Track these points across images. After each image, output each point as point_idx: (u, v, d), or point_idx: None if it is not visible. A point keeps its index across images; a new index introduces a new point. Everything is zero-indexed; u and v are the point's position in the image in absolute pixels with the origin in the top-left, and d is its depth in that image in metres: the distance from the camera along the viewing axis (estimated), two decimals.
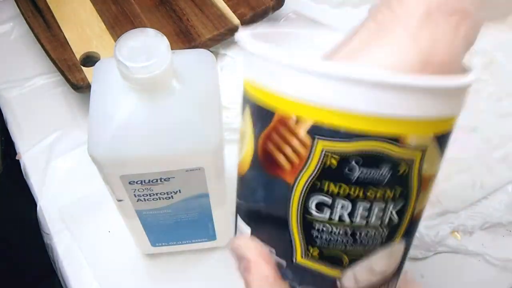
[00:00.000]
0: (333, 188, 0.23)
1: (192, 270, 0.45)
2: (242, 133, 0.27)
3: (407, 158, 0.22)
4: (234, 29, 0.56)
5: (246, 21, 0.56)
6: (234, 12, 0.56)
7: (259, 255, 0.26)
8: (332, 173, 0.22)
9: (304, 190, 0.23)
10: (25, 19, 0.57)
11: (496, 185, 0.49)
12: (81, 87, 0.51)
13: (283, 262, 0.26)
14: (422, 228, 0.47)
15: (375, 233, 0.24)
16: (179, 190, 0.36)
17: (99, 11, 0.57)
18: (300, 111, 0.22)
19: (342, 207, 0.23)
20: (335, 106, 0.21)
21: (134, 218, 0.39)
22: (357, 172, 0.22)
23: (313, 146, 0.22)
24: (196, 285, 0.45)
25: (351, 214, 0.23)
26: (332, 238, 0.24)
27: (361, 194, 0.23)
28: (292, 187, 0.24)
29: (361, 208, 0.23)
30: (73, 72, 0.52)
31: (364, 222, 0.23)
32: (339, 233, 0.24)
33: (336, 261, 0.24)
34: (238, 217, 0.30)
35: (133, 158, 0.32)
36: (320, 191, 0.23)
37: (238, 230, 0.30)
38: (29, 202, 0.51)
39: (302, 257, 0.25)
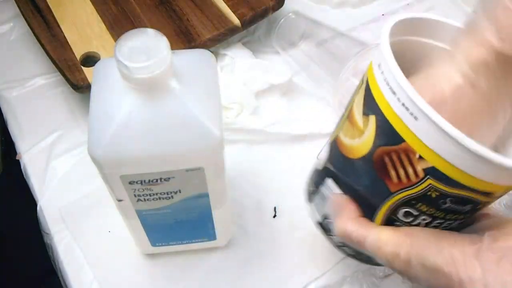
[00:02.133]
0: (424, 208, 0.30)
1: (192, 270, 0.45)
2: (352, 118, 0.32)
3: (488, 201, 0.30)
4: (234, 29, 0.56)
5: (246, 21, 0.56)
6: (234, 12, 0.56)
7: (350, 201, 0.34)
8: (429, 200, 0.29)
9: (401, 200, 0.30)
10: (25, 19, 0.57)
11: None
12: (81, 87, 0.51)
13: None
14: None
15: None
16: (179, 190, 0.36)
17: (99, 11, 0.57)
18: (424, 153, 0.27)
19: (423, 219, 0.30)
20: (452, 162, 0.26)
21: (134, 218, 0.39)
22: (448, 204, 0.29)
23: (424, 179, 0.28)
24: (196, 285, 0.45)
25: (427, 224, 0.31)
26: None
27: (442, 215, 0.30)
28: (392, 194, 0.30)
29: (436, 222, 0.30)
30: (73, 72, 0.52)
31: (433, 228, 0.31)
32: None
33: None
34: (330, 180, 0.35)
35: (133, 158, 0.32)
36: (413, 206, 0.30)
37: (327, 187, 0.36)
38: (29, 202, 0.51)
39: None
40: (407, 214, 0.30)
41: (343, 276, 0.45)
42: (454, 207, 0.29)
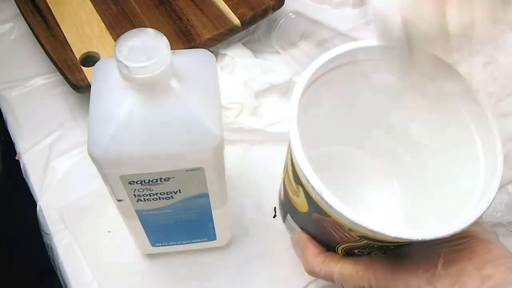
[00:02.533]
0: (374, 249, 0.34)
1: (192, 270, 0.45)
2: (288, 178, 0.36)
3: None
4: (234, 29, 0.56)
5: (246, 21, 0.56)
6: (234, 12, 0.56)
7: (309, 240, 0.38)
8: (374, 247, 0.33)
9: (350, 246, 0.34)
10: (25, 19, 0.57)
11: None
12: (81, 87, 0.51)
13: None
14: None
15: None
16: (179, 190, 0.36)
17: (99, 11, 0.57)
18: (350, 227, 0.30)
19: (377, 251, 0.34)
20: (369, 233, 0.30)
21: (134, 218, 0.39)
22: (392, 248, 0.34)
23: (360, 240, 0.32)
24: (196, 285, 0.45)
25: (384, 252, 0.35)
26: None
27: (392, 246, 0.33)
28: (340, 244, 0.34)
29: (390, 249, 0.34)
30: (73, 72, 0.52)
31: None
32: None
33: None
34: (289, 216, 0.39)
35: (133, 158, 0.32)
36: (363, 249, 0.33)
37: (288, 220, 0.40)
38: (29, 202, 0.51)
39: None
40: (361, 252, 0.35)
41: None
42: (397, 249, 0.33)
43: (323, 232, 0.35)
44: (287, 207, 0.39)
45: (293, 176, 0.34)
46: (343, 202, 0.29)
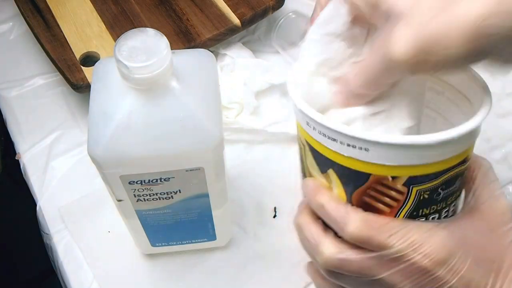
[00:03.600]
0: (426, 211, 0.30)
1: (192, 270, 0.45)
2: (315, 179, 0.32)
3: (467, 167, 0.31)
4: (234, 29, 0.56)
5: (246, 21, 0.56)
6: (234, 12, 0.56)
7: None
8: (425, 202, 0.29)
9: (404, 217, 0.30)
10: (25, 18, 0.57)
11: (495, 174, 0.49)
12: (81, 87, 0.51)
13: None
14: None
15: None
16: (179, 190, 0.36)
17: (99, 11, 0.57)
18: (396, 172, 0.28)
19: (432, 218, 0.31)
20: (417, 163, 0.27)
21: (134, 218, 0.39)
22: (442, 194, 0.30)
23: (409, 192, 0.29)
24: (196, 285, 0.44)
25: (438, 218, 0.31)
26: None
27: (444, 205, 0.30)
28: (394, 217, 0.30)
29: (444, 212, 0.31)
30: (73, 72, 0.52)
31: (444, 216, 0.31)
32: None
33: None
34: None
35: (132, 158, 0.32)
36: (416, 216, 0.30)
37: None
38: (29, 202, 0.51)
39: None
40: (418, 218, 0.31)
41: None
42: (447, 192, 0.30)
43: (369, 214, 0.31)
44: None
45: (319, 165, 0.31)
46: None
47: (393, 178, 0.28)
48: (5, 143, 0.58)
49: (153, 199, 0.36)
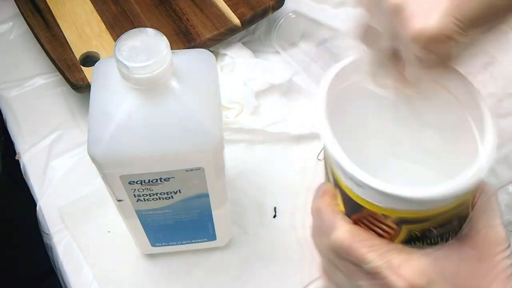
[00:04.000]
0: (420, 244, 0.31)
1: (192, 270, 0.45)
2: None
3: (468, 210, 0.31)
4: (234, 29, 0.56)
5: (246, 21, 0.56)
6: (234, 12, 0.56)
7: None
8: (418, 238, 0.30)
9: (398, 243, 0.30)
10: (25, 18, 0.57)
11: (496, 185, 0.49)
12: (81, 87, 0.51)
13: None
14: None
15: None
16: (179, 190, 0.36)
17: (99, 10, 0.57)
18: (385, 212, 0.29)
19: (428, 247, 0.30)
20: (408, 209, 0.28)
21: (134, 218, 0.39)
22: (436, 232, 0.30)
23: (400, 228, 0.29)
24: (196, 285, 0.44)
25: (432, 246, 0.30)
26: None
27: (441, 240, 0.31)
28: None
29: (439, 240, 0.31)
30: (73, 72, 0.52)
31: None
32: None
33: None
34: None
35: (132, 158, 0.32)
36: (410, 245, 0.30)
37: None
38: (28, 202, 0.51)
39: None
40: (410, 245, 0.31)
41: None
42: (442, 230, 0.30)
43: None
44: None
45: (334, 181, 0.32)
46: None
47: (384, 215, 0.29)
48: (5, 143, 0.58)
49: (153, 199, 0.36)
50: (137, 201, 0.36)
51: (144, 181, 0.34)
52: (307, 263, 0.45)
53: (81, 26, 0.55)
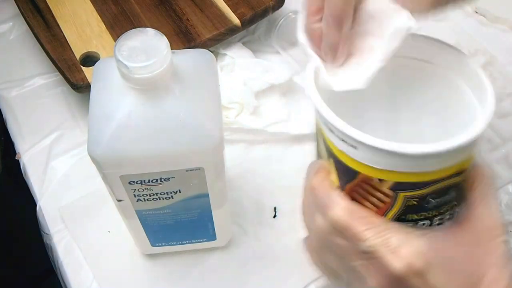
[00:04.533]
0: (415, 217, 0.29)
1: (192, 270, 0.45)
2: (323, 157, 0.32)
3: (463, 178, 0.30)
4: (234, 29, 0.56)
5: (246, 21, 0.56)
6: (234, 12, 0.56)
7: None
8: (413, 209, 0.29)
9: (391, 219, 0.30)
10: (25, 18, 0.57)
11: (496, 185, 0.49)
12: (81, 87, 0.51)
13: None
14: None
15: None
16: (179, 190, 0.36)
17: (99, 11, 0.57)
18: (382, 175, 0.28)
19: (422, 224, 0.30)
20: (405, 170, 0.27)
21: (134, 218, 0.39)
22: (433, 202, 0.29)
23: (396, 196, 0.28)
24: (196, 285, 0.44)
25: (430, 225, 0.30)
26: None
27: (436, 213, 0.30)
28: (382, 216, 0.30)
29: (436, 220, 0.30)
30: (73, 72, 0.52)
31: (437, 224, 0.30)
32: None
33: None
34: None
35: (132, 158, 0.32)
36: (404, 220, 0.30)
37: None
38: (28, 202, 0.51)
39: None
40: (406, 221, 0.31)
41: None
42: (439, 201, 0.29)
43: None
44: None
45: (326, 150, 0.31)
46: None
47: (380, 180, 0.28)
48: (5, 143, 0.58)
49: (153, 199, 0.36)
50: (137, 201, 0.36)
51: (144, 181, 0.34)
52: (307, 263, 0.45)
53: (81, 26, 0.55)
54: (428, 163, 0.27)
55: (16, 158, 0.53)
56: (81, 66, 0.52)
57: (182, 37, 0.55)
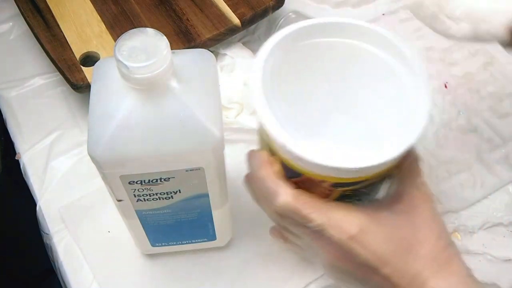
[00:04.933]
0: (349, 200, 0.35)
1: (192, 270, 0.45)
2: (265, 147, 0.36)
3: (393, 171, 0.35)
4: (234, 29, 0.56)
5: (246, 21, 0.56)
6: (234, 11, 0.56)
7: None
8: (349, 195, 0.34)
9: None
10: (25, 18, 0.57)
11: (497, 185, 0.49)
12: (81, 87, 0.51)
13: None
14: None
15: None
16: (179, 190, 0.36)
17: (99, 10, 0.57)
18: (323, 178, 0.32)
19: (357, 201, 0.36)
20: (339, 176, 0.32)
21: (134, 218, 0.39)
22: (366, 190, 0.35)
23: (335, 190, 0.34)
24: (196, 285, 0.44)
25: (359, 200, 0.36)
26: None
27: (368, 194, 0.36)
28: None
29: (366, 200, 0.36)
30: (73, 72, 0.52)
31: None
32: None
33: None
34: None
35: (132, 158, 0.32)
36: (342, 201, 0.34)
37: None
38: (28, 202, 0.51)
39: None
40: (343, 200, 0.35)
41: None
42: (370, 188, 0.35)
43: None
44: None
45: (270, 150, 0.35)
46: None
47: (321, 181, 0.33)
48: (5, 143, 0.58)
49: (153, 199, 0.36)
50: (137, 201, 0.36)
51: (144, 181, 0.34)
52: (307, 263, 0.45)
53: (81, 26, 0.55)
54: (361, 172, 0.32)
55: (16, 158, 0.53)
56: (81, 66, 0.52)
57: (182, 37, 0.55)
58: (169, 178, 0.34)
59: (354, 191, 0.34)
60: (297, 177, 0.33)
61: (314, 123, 0.33)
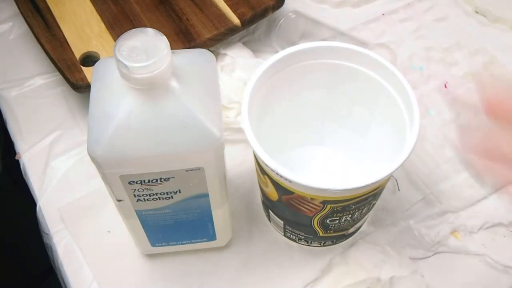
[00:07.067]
0: (340, 215, 0.39)
1: (192, 270, 0.45)
2: (257, 171, 0.41)
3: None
4: (234, 29, 0.56)
5: (246, 21, 0.56)
6: (234, 11, 0.56)
7: None
8: (339, 211, 0.38)
9: (320, 218, 0.39)
10: (25, 18, 0.57)
11: (496, 185, 0.49)
12: (81, 87, 0.51)
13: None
14: (422, 228, 0.47)
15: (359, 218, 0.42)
16: (179, 190, 0.36)
17: (99, 10, 0.57)
18: (313, 196, 0.36)
19: (345, 219, 0.40)
20: (336, 195, 0.35)
21: (134, 218, 0.39)
22: (355, 206, 0.38)
23: (325, 207, 0.37)
24: (196, 285, 0.45)
25: (351, 217, 0.40)
26: (339, 226, 0.41)
27: (356, 210, 0.39)
28: (312, 217, 0.39)
29: (356, 214, 0.40)
30: (73, 72, 0.52)
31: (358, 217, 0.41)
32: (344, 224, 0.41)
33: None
34: (273, 214, 0.44)
35: (132, 158, 0.32)
36: (332, 217, 0.39)
37: (275, 222, 0.45)
38: (28, 202, 0.51)
39: (322, 233, 0.42)
40: (332, 221, 0.39)
41: None
42: (359, 204, 0.38)
43: (295, 212, 0.39)
44: (267, 204, 0.43)
45: (259, 168, 0.39)
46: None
47: (312, 198, 0.36)
48: (5, 143, 0.58)
49: (153, 199, 0.36)
50: (137, 201, 0.36)
51: (144, 181, 0.34)
52: (307, 263, 0.45)
53: (81, 26, 0.55)
54: (352, 192, 0.35)
55: (16, 158, 0.53)
56: (81, 66, 0.52)
57: (182, 37, 0.55)
58: (169, 178, 0.34)
59: (343, 207, 0.37)
60: (289, 194, 0.37)
61: (301, 151, 0.39)
